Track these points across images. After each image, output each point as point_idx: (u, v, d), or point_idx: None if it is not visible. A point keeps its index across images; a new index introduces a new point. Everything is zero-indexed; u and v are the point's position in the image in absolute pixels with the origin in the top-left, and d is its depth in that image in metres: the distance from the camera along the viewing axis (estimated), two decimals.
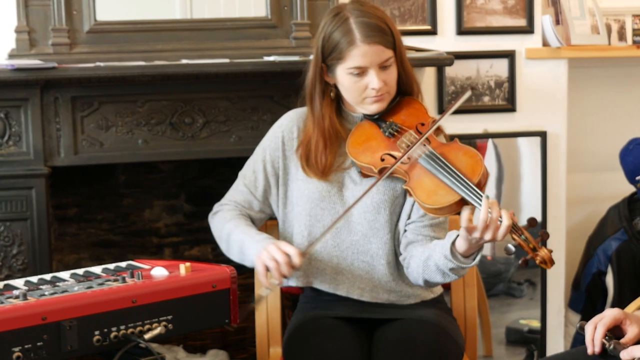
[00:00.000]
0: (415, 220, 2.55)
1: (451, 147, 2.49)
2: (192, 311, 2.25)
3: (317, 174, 2.58)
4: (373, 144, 2.54)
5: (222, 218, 2.64)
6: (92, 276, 2.33)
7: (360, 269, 2.57)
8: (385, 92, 2.53)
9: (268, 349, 2.73)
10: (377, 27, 2.49)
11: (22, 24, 3.15)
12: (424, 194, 2.41)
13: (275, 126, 2.70)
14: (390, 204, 2.56)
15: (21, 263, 3.05)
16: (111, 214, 3.60)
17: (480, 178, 2.38)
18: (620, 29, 3.98)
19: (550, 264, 2.30)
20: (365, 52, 2.48)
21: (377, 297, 2.57)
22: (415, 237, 2.54)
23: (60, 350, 2.05)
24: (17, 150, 3.03)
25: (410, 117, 2.57)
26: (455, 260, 2.38)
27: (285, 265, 2.40)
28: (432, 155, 2.45)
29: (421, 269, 2.47)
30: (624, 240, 3.75)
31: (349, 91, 2.55)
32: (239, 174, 2.72)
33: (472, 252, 2.38)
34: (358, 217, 2.56)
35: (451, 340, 2.50)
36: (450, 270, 2.41)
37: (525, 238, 2.31)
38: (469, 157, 2.44)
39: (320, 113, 2.60)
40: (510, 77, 3.66)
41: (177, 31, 3.28)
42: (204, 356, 3.54)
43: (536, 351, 3.74)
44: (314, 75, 2.59)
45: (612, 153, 3.80)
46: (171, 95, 3.12)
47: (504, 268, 3.76)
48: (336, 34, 2.50)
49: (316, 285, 2.60)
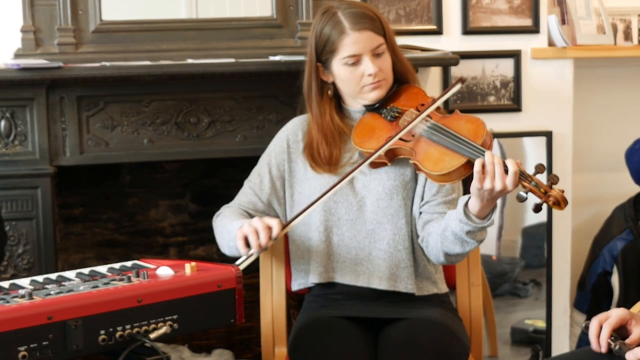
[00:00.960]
0: (429, 199, 2.58)
1: (453, 117, 2.53)
2: (198, 311, 2.24)
3: (325, 168, 2.61)
4: (377, 130, 2.58)
5: (223, 216, 2.67)
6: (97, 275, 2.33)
7: (378, 257, 2.58)
8: (382, 78, 2.58)
9: (273, 348, 2.73)
10: (365, 14, 2.56)
11: (28, 24, 3.15)
12: (430, 163, 2.44)
13: (280, 132, 2.74)
14: (402, 189, 2.58)
15: (27, 262, 3.05)
16: (117, 213, 3.60)
17: (484, 139, 2.42)
18: (626, 29, 3.97)
19: (564, 203, 2.31)
20: (356, 39, 2.53)
21: (395, 285, 2.58)
22: (430, 216, 2.56)
23: (65, 349, 2.05)
24: (23, 150, 3.04)
25: (410, 101, 2.62)
26: (470, 221, 2.38)
27: (264, 232, 2.40)
28: (434, 126, 2.49)
29: (439, 242, 2.48)
30: (630, 240, 3.75)
31: (346, 82, 2.59)
32: (245, 181, 2.73)
33: (486, 212, 2.39)
34: (371, 205, 2.59)
35: (456, 340, 2.50)
36: (468, 234, 2.40)
37: (536, 184, 2.32)
38: (470, 122, 2.49)
39: (318, 111, 2.64)
40: (516, 77, 3.66)
41: (183, 31, 3.28)
42: (209, 356, 3.54)
43: (541, 351, 3.73)
44: (310, 75, 2.65)
45: (617, 153, 3.79)
46: (177, 95, 3.13)
47: (509, 268, 3.75)
48: (326, 28, 2.57)
49: (337, 279, 2.61)
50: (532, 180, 2.33)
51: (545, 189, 2.32)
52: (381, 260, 2.58)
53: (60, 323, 2.04)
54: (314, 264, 2.62)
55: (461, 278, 2.79)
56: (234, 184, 2.77)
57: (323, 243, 2.61)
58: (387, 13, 3.51)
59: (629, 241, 3.75)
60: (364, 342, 2.48)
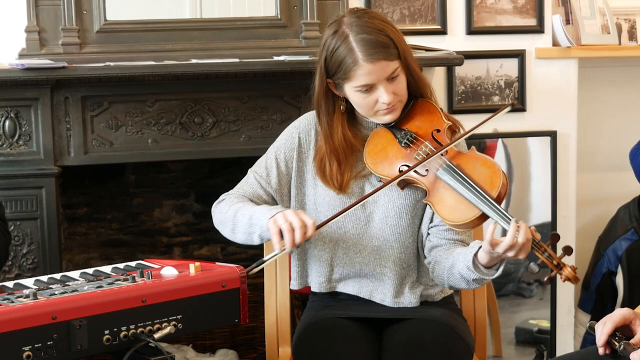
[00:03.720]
0: (438, 224, 2.53)
1: (468, 158, 2.46)
2: (202, 311, 2.24)
3: (334, 189, 2.55)
4: (390, 154, 2.51)
5: (229, 202, 2.56)
6: (102, 275, 2.34)
7: (382, 274, 2.55)
8: (396, 101, 2.49)
9: (277, 348, 2.73)
10: (378, 42, 2.42)
11: (32, 24, 3.15)
12: (445, 210, 2.41)
13: (292, 126, 2.64)
14: (412, 208, 2.54)
15: (31, 262, 3.05)
16: (121, 213, 3.61)
17: (500, 190, 2.37)
18: (630, 29, 3.97)
19: (575, 281, 2.29)
20: (369, 70, 2.42)
21: (399, 302, 2.56)
22: (439, 241, 2.53)
23: (70, 349, 2.05)
24: (28, 150, 3.04)
25: (425, 123, 2.53)
26: (477, 271, 2.38)
27: (301, 230, 2.31)
28: (449, 168, 2.43)
29: (446, 276, 2.47)
30: (634, 241, 3.74)
31: (360, 107, 2.51)
32: (249, 170, 2.64)
33: (494, 263, 2.38)
34: (380, 222, 2.55)
35: (461, 340, 2.50)
36: (474, 281, 2.42)
37: (549, 255, 2.30)
38: (486, 167, 2.43)
39: (328, 131, 2.55)
40: (520, 76, 3.65)
41: (187, 31, 3.28)
42: (214, 356, 3.55)
43: (546, 351, 3.73)
44: (320, 91, 2.54)
45: (622, 153, 3.78)
46: (181, 95, 3.13)
47: (514, 268, 3.75)
48: (338, 53, 2.44)
49: (339, 289, 2.60)
50: (545, 251, 2.30)
51: (558, 262, 2.30)
52: (386, 277, 2.56)
53: (65, 323, 2.04)
54: (316, 274, 2.60)
55: None
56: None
57: (327, 254, 2.57)
58: (391, 13, 3.51)
59: (634, 241, 3.74)
60: (368, 342, 2.48)
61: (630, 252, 3.75)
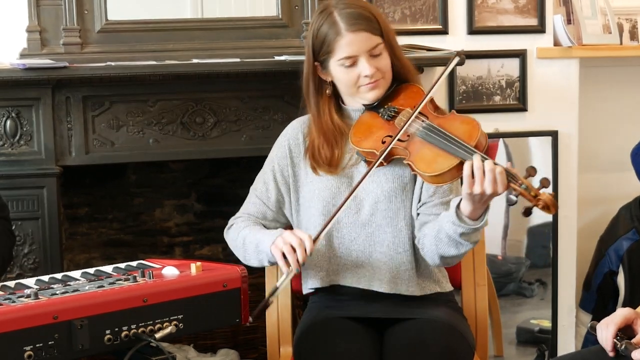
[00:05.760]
0: (426, 201, 2.56)
1: (448, 118, 2.51)
2: (203, 310, 2.25)
3: (325, 168, 2.59)
4: (373, 130, 2.56)
5: (237, 228, 2.64)
6: (103, 275, 2.34)
7: (378, 260, 2.57)
8: (379, 77, 2.54)
9: (279, 348, 2.74)
10: (361, 15, 2.52)
11: (34, 24, 3.15)
12: (424, 164, 2.42)
13: (281, 137, 2.71)
14: (401, 191, 2.56)
15: (32, 262, 3.06)
16: (122, 213, 3.61)
17: (479, 139, 2.39)
18: (632, 29, 3.97)
19: (554, 208, 2.28)
20: (351, 40, 2.50)
21: (396, 288, 2.57)
22: (427, 218, 2.54)
23: (71, 349, 2.05)
24: (29, 150, 3.04)
25: (408, 100, 2.58)
26: (463, 223, 2.37)
27: (300, 248, 2.39)
28: (429, 126, 2.47)
29: (434, 245, 2.46)
30: (636, 240, 3.74)
31: (343, 83, 2.57)
32: (250, 188, 2.70)
33: (478, 213, 2.37)
34: (370, 207, 2.57)
35: (462, 340, 2.50)
36: (462, 236, 2.39)
37: (526, 187, 2.29)
38: (465, 123, 2.46)
39: (316, 111, 2.62)
40: (522, 76, 3.65)
41: (188, 31, 3.29)
42: (215, 355, 3.55)
43: (547, 351, 3.73)
44: (308, 74, 2.62)
45: (623, 153, 3.78)
46: (182, 95, 3.13)
47: (515, 268, 3.75)
48: (322, 28, 2.53)
49: (339, 282, 2.60)
50: (522, 183, 2.30)
51: (535, 192, 2.28)
52: (382, 263, 2.57)
53: (66, 323, 2.04)
54: (316, 268, 2.61)
55: (466, 278, 2.79)
56: (239, 183, 2.77)
57: (324, 247, 2.59)
58: (392, 13, 3.51)
59: (635, 241, 3.75)
60: (369, 342, 2.48)
61: (631, 251, 3.75)
